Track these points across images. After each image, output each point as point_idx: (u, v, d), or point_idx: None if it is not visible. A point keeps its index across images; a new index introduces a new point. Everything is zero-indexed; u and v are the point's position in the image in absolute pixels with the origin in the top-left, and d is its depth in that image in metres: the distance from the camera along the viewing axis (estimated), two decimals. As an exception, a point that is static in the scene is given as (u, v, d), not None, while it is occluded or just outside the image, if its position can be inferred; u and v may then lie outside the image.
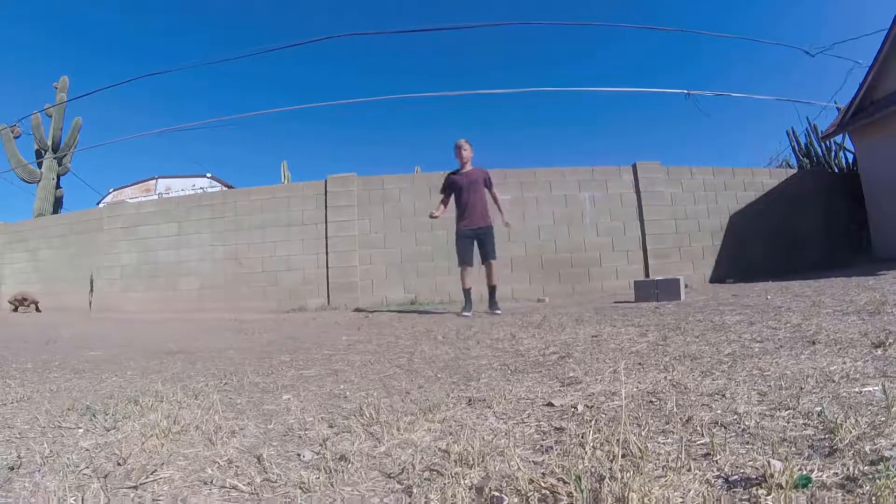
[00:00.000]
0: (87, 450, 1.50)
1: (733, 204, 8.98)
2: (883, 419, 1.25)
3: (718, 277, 8.45)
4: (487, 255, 5.72)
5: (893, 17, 8.33)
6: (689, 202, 8.81)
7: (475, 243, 5.74)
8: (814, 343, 2.30)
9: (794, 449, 1.16)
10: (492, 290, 5.76)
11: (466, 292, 5.73)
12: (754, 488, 0.98)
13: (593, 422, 1.49)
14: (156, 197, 18.69)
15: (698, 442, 1.27)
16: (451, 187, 5.87)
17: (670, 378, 1.94)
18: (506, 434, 1.47)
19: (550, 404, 1.74)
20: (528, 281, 8.29)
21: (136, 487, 1.21)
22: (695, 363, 2.17)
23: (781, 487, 0.95)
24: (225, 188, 20.45)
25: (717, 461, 1.13)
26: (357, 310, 7.42)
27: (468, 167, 5.86)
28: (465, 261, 5.73)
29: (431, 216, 5.82)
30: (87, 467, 1.35)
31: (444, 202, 5.95)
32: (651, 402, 1.66)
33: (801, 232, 9.07)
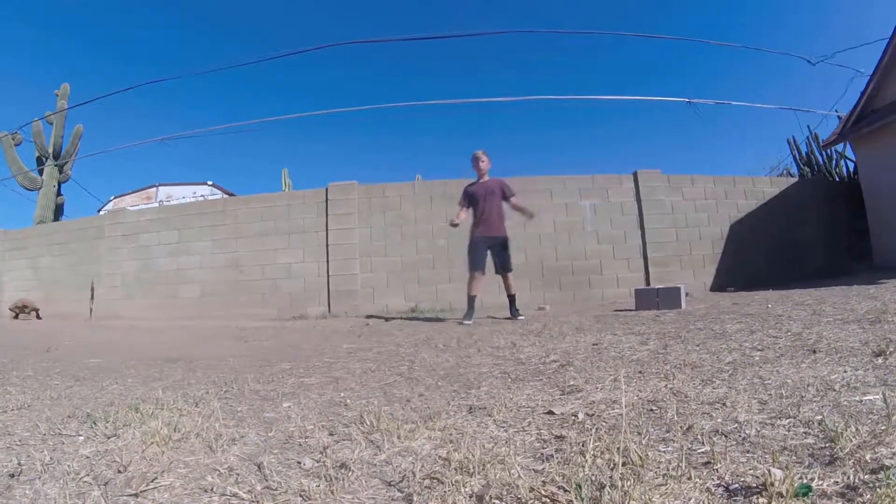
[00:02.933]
0: (88, 457, 1.50)
1: (734, 212, 8.98)
2: (883, 428, 1.25)
3: (719, 286, 8.44)
4: (504, 267, 5.85)
5: (895, 26, 8.38)
6: (690, 210, 8.81)
7: (488, 252, 5.78)
8: (814, 352, 2.30)
9: (794, 457, 1.16)
10: (511, 298, 5.89)
11: (471, 299, 5.72)
12: (755, 497, 0.98)
13: (594, 430, 1.49)
14: (157, 204, 18.74)
15: (699, 450, 1.26)
16: (468, 198, 5.91)
17: (671, 386, 1.94)
18: (506, 442, 1.46)
19: (551, 412, 1.74)
20: (528, 289, 8.27)
21: (136, 495, 1.21)
22: (695, 371, 2.17)
23: (782, 496, 0.95)
24: (226, 196, 20.46)
25: (717, 469, 1.13)
26: (358, 317, 7.41)
27: (485, 178, 5.90)
28: (476, 266, 5.74)
29: (452, 224, 5.82)
30: (88, 475, 1.35)
31: (464, 211, 5.94)
32: (652, 410, 1.66)
33: (802, 240, 9.07)
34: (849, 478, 1.02)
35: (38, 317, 9.23)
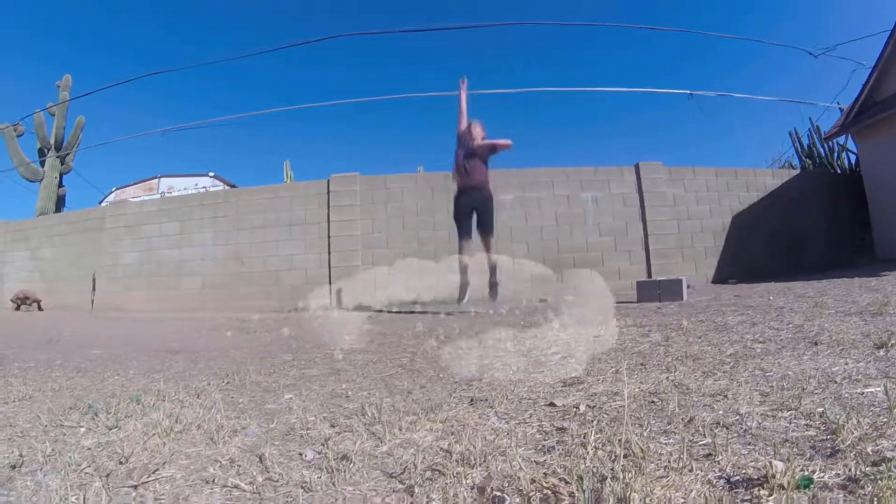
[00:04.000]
0: (89, 448, 1.50)
1: (736, 204, 8.96)
2: (885, 420, 1.25)
3: (721, 278, 8.43)
4: (483, 226, 5.55)
5: (897, 17, 8.31)
6: (692, 202, 8.79)
7: (473, 216, 5.60)
8: (816, 344, 2.29)
9: (795, 450, 1.16)
10: (492, 269, 5.65)
11: (463, 270, 5.58)
12: (756, 489, 0.98)
13: (595, 422, 1.49)
14: (158, 196, 18.70)
15: (700, 442, 1.26)
16: (458, 139, 5.78)
17: (672, 378, 1.94)
18: (508, 434, 1.47)
19: (552, 404, 1.74)
20: (530, 281, 8.28)
21: (137, 486, 1.21)
22: (697, 363, 2.17)
23: (783, 488, 0.95)
24: (227, 187, 20.45)
25: (718, 462, 1.13)
26: (359, 309, 7.41)
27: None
28: (463, 233, 5.59)
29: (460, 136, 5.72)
30: (89, 466, 1.35)
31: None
32: (653, 402, 1.66)
33: (804, 233, 9.04)
34: (850, 470, 1.02)
35: (39, 308, 9.24)
